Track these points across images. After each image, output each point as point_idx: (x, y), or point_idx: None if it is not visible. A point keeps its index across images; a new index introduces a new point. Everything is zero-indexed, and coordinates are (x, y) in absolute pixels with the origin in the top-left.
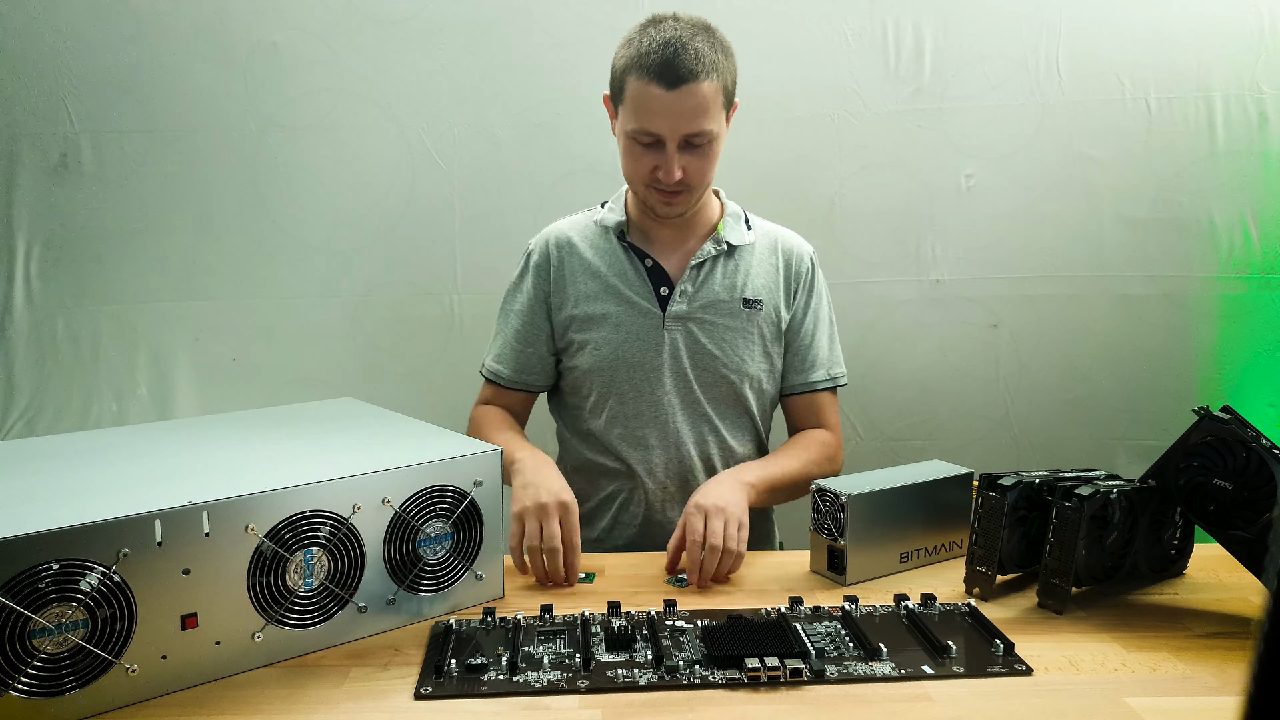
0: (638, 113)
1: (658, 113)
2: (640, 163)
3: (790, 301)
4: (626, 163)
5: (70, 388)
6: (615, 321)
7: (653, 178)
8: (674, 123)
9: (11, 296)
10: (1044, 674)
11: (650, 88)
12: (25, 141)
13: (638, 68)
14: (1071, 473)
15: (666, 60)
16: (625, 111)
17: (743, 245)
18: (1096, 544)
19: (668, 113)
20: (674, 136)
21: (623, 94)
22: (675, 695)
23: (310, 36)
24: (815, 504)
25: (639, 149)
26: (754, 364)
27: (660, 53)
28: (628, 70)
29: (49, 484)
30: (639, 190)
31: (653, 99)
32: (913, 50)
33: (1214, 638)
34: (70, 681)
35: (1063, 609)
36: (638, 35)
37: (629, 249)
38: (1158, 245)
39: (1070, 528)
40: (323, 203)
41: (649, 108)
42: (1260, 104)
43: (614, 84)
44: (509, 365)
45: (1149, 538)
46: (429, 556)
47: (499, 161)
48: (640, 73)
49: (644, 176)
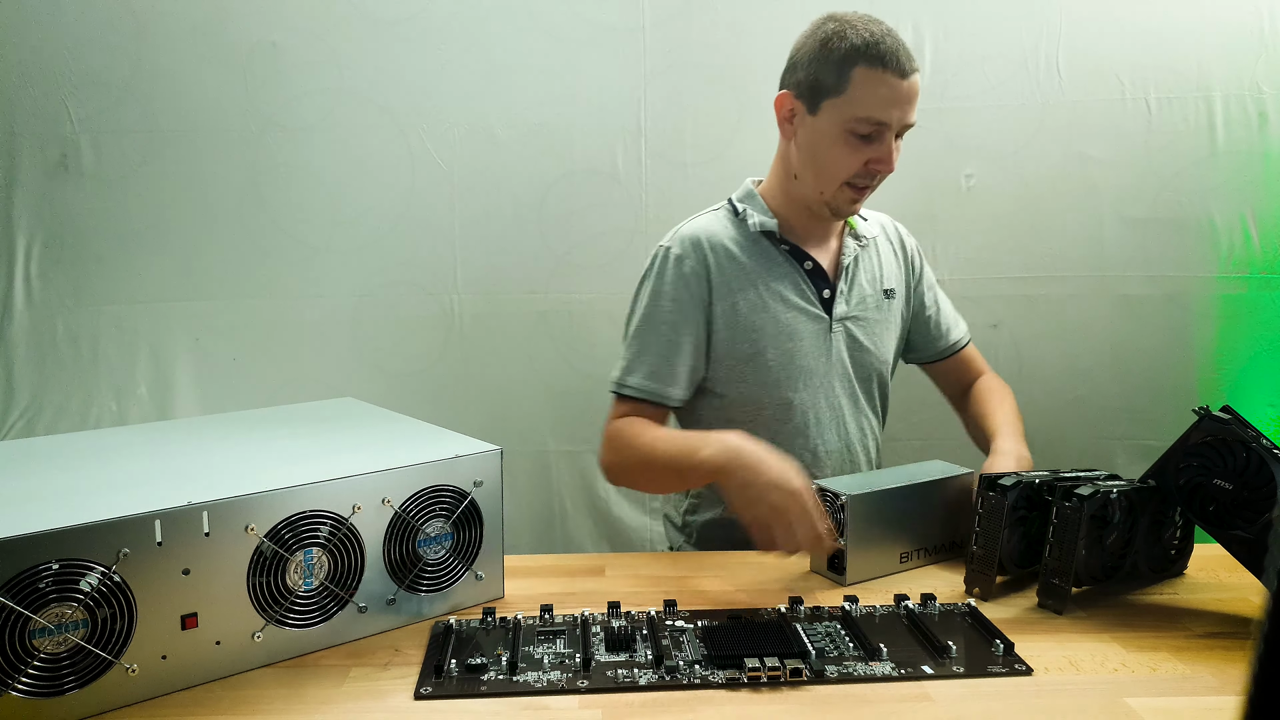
0: (866, 102)
1: (891, 101)
2: (856, 155)
3: (913, 280)
4: (836, 157)
5: (70, 388)
6: (789, 329)
7: (865, 170)
8: (903, 111)
9: (11, 296)
10: (1044, 674)
11: (886, 75)
12: (25, 141)
13: (868, 57)
14: (1071, 473)
15: (897, 49)
16: (842, 103)
17: (871, 236)
18: (1096, 544)
19: (900, 101)
20: (899, 125)
21: (843, 85)
22: (675, 695)
23: (310, 36)
24: None
25: (855, 141)
26: (893, 351)
27: (888, 41)
28: (852, 60)
29: (49, 484)
30: (830, 189)
31: (889, 87)
32: (912, 50)
33: (1214, 638)
34: (70, 681)
35: (1063, 609)
36: (845, 28)
37: (788, 252)
38: (1158, 245)
39: (1070, 528)
40: (323, 203)
41: (882, 96)
42: (1260, 104)
43: (823, 77)
44: (664, 380)
45: (1149, 538)
46: (429, 556)
47: (499, 161)
48: (872, 61)
49: (856, 169)
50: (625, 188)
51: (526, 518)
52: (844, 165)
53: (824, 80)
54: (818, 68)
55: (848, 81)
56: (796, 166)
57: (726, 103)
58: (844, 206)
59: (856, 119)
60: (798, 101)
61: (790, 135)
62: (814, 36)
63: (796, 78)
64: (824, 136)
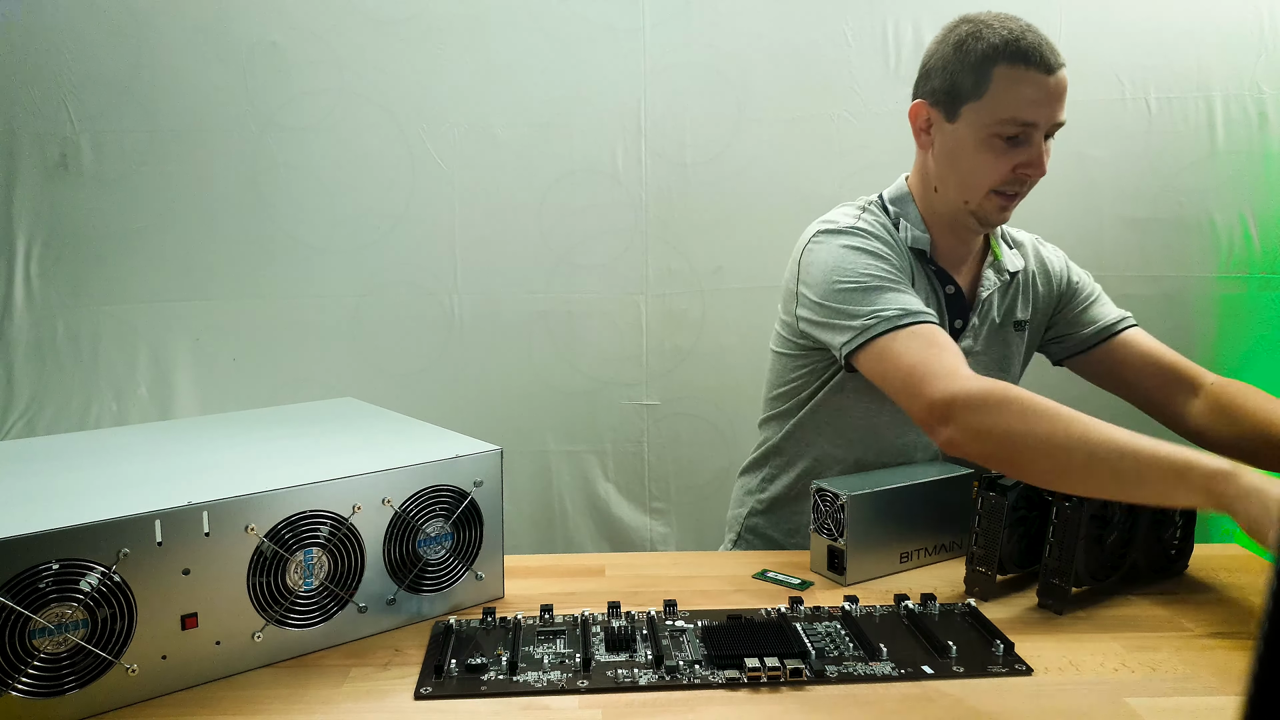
0: (1011, 102)
1: (1038, 100)
2: (1002, 160)
3: (1058, 302)
4: (980, 164)
5: (70, 388)
6: None
7: (1013, 176)
8: (1051, 110)
9: (11, 296)
10: (1044, 674)
11: (1030, 73)
12: (25, 141)
13: (1009, 55)
14: None
15: (1041, 45)
16: (986, 106)
17: (1016, 270)
18: (1096, 544)
19: (1048, 99)
20: (1048, 124)
21: (984, 87)
22: (675, 695)
23: (310, 36)
24: (815, 504)
25: (1000, 145)
26: (1013, 377)
27: (1030, 37)
28: (992, 59)
29: (49, 484)
30: (976, 197)
31: (1035, 85)
32: (913, 50)
33: (1214, 638)
34: (70, 681)
35: (1063, 609)
36: (980, 28)
37: (935, 273)
38: (1157, 245)
39: (1070, 527)
40: (323, 203)
41: (1027, 95)
42: (1260, 104)
43: (960, 81)
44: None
45: (1149, 537)
46: (429, 556)
47: (499, 161)
48: (1014, 59)
49: (1003, 176)
50: (625, 188)
51: (526, 518)
52: (990, 172)
53: (962, 84)
54: (954, 72)
55: (988, 82)
56: (936, 179)
57: (726, 103)
58: (993, 215)
59: (1000, 121)
60: (934, 110)
61: (928, 146)
62: (947, 41)
63: (931, 85)
64: (965, 143)
